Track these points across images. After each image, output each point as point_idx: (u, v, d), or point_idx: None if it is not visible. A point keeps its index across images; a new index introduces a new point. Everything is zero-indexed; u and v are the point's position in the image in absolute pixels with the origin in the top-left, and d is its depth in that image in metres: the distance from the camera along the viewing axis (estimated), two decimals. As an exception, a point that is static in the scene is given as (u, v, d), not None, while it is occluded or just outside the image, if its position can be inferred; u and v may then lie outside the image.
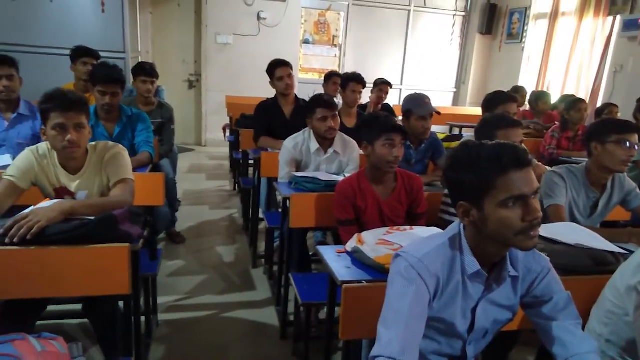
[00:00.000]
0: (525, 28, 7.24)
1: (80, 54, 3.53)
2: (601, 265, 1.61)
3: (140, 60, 4.94)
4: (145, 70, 3.41)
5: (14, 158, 2.40)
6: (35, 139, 2.78)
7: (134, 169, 2.13)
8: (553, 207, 2.11)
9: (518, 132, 2.15)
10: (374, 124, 2.08)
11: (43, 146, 1.91)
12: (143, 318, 2.23)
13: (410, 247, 1.22)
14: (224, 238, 3.89)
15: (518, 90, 5.48)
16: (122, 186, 1.90)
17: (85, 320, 2.40)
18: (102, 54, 3.72)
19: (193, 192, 5.01)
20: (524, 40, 7.26)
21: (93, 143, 1.97)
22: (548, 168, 2.35)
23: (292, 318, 2.57)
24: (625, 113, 4.48)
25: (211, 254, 3.56)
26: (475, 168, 1.11)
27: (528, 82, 6.98)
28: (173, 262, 3.34)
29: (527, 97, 5.70)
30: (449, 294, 1.19)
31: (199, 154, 6.94)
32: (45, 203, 1.66)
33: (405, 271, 1.14)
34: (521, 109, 5.27)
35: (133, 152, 2.80)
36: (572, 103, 4.12)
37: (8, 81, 2.72)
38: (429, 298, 1.14)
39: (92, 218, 1.60)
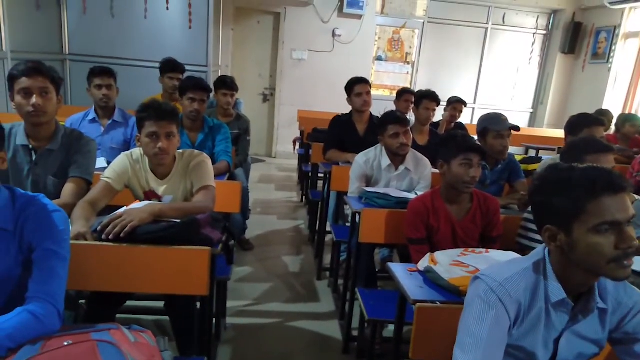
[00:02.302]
0: (613, 47, 6.82)
1: (167, 68, 3.79)
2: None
3: (220, 74, 5.20)
4: (227, 84, 3.60)
5: (107, 161, 2.64)
6: (126, 145, 3.02)
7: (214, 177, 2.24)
8: (643, 239, 1.96)
9: (609, 157, 2.03)
10: (451, 142, 2.06)
11: (137, 152, 2.07)
12: (213, 320, 2.32)
13: (490, 270, 1.19)
14: (290, 248, 3.97)
15: (604, 114, 5.15)
16: (204, 192, 2.01)
17: (159, 317, 2.57)
18: (187, 66, 3.97)
19: (262, 202, 5.16)
20: (611, 60, 6.85)
21: (180, 151, 2.11)
22: (636, 197, 2.19)
23: (355, 333, 2.56)
24: None
25: (277, 263, 3.65)
26: (566, 191, 1.07)
27: (614, 104, 6.55)
28: (242, 268, 3.45)
29: (614, 121, 5.34)
30: (531, 321, 1.14)
31: (269, 165, 7.15)
32: (137, 204, 1.79)
33: (485, 295, 1.11)
34: (605, 133, 4.95)
35: (212, 161, 2.93)
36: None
37: (108, 90, 2.98)
38: (509, 324, 1.11)
39: (178, 221, 1.70)
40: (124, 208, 1.74)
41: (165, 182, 2.05)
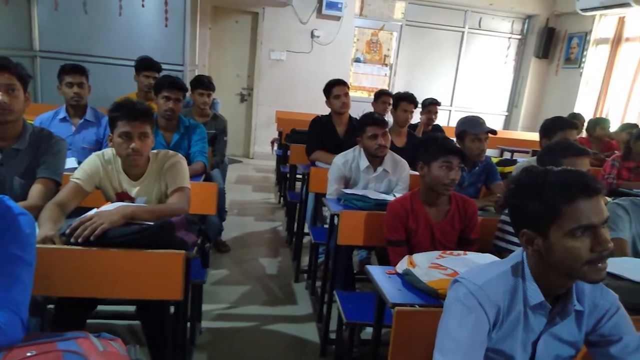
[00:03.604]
0: (585, 53, 7.00)
1: (143, 67, 3.71)
2: (671, 307, 1.50)
3: (197, 73, 5.13)
4: (203, 83, 3.54)
5: (78, 162, 2.56)
6: (98, 145, 2.94)
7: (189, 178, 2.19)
8: (616, 241, 1.98)
9: (585, 161, 2.05)
10: (432, 145, 2.06)
11: (109, 152, 2.01)
12: (188, 324, 2.27)
13: (470, 273, 1.18)
14: (267, 250, 3.93)
15: (576, 117, 5.27)
16: (179, 194, 1.96)
17: (132, 322, 2.50)
18: (163, 65, 3.89)
19: (239, 203, 5.10)
20: (582, 65, 7.02)
21: (154, 151, 2.05)
22: (608, 199, 2.23)
23: (332, 336, 2.54)
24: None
25: (255, 265, 3.60)
26: (542, 195, 1.06)
27: (585, 108, 6.72)
28: (218, 270, 3.39)
29: (585, 125, 5.47)
30: (510, 324, 1.14)
31: (246, 165, 7.08)
32: (109, 206, 1.73)
33: (465, 298, 1.10)
34: (577, 136, 5.06)
35: (188, 161, 2.88)
36: (643, 134, 3.91)
37: (79, 88, 2.89)
38: (488, 328, 1.10)
39: (151, 223, 1.66)
40: (95, 210, 1.68)
41: (138, 184, 1.99)
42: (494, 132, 2.80)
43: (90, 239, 1.54)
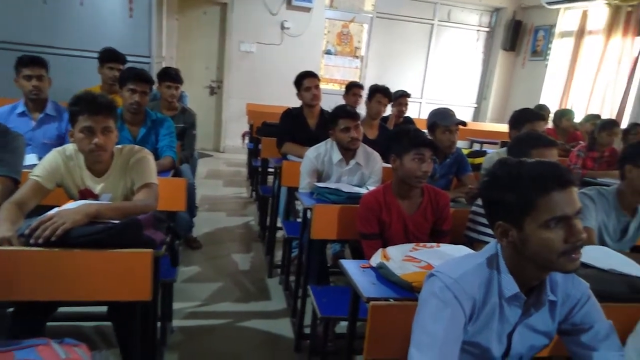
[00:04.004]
0: (550, 45, 7.16)
1: (107, 58, 3.58)
2: (637, 293, 1.55)
3: (164, 66, 4.98)
4: (171, 76, 3.44)
5: (39, 158, 2.44)
6: (60, 140, 2.82)
7: (157, 173, 2.12)
8: (584, 230, 2.04)
9: (554, 152, 2.08)
10: (404, 137, 2.05)
11: (70, 148, 1.92)
12: (158, 324, 2.21)
13: (445, 266, 1.18)
14: (240, 245, 3.87)
15: (542, 109, 5.38)
16: (146, 190, 1.89)
17: (101, 322, 2.41)
18: (128, 57, 3.76)
19: (210, 198, 5.01)
20: (547, 57, 7.19)
21: (119, 146, 1.97)
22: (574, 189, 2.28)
23: (307, 331, 2.52)
24: (652, 135, 4.37)
25: (227, 261, 3.54)
26: (516, 187, 1.06)
27: (551, 100, 6.88)
28: (189, 267, 3.32)
29: (551, 116, 5.61)
30: (485, 317, 1.14)
31: (217, 159, 6.97)
32: (71, 204, 1.65)
33: (441, 292, 1.10)
34: (544, 127, 5.18)
35: (156, 156, 2.80)
36: (607, 125, 4.03)
37: (38, 81, 2.76)
38: (464, 321, 1.10)
39: (117, 222, 1.59)
40: (56, 209, 1.60)
41: (102, 180, 1.91)
42: (464, 123, 2.82)
43: (51, 240, 1.46)
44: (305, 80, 3.50)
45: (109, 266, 1.54)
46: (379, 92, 3.69)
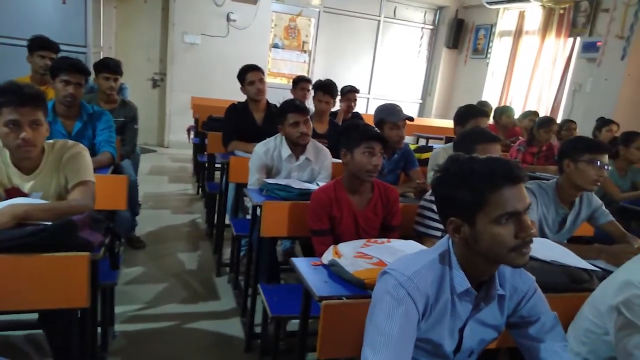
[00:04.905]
0: (491, 44, 7.44)
1: (38, 46, 3.32)
2: (577, 283, 1.61)
3: (102, 56, 4.71)
4: (109, 66, 3.24)
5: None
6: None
7: (95, 170, 1.99)
8: (526, 223, 2.11)
9: (497, 147, 2.15)
10: (354, 131, 2.03)
11: (-6, 143, 1.75)
12: (99, 329, 2.08)
13: (398, 263, 1.17)
14: (186, 244, 3.74)
15: (484, 105, 5.58)
16: (82, 189, 1.76)
17: (32, 331, 2.25)
18: (61, 46, 3.52)
19: (154, 195, 4.81)
20: (488, 56, 7.47)
21: (51, 141, 1.83)
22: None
23: (258, 330, 2.47)
24: (582, 131, 4.66)
25: (172, 260, 3.41)
26: (468, 183, 1.07)
27: (491, 96, 7.16)
28: (131, 268, 3.17)
29: (492, 112, 5.82)
30: (438, 313, 1.14)
31: (161, 155, 6.72)
32: (-4, 205, 1.51)
33: (395, 290, 1.08)
34: (488, 123, 5.37)
35: (93, 152, 2.64)
36: (544, 123, 4.23)
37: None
38: (418, 319, 1.09)
39: (49, 224, 1.47)
40: (-22, 211, 1.45)
41: (32, 178, 1.76)
42: (411, 119, 2.86)
43: (-28, 245, 1.33)
44: (249, 74, 3.41)
45: (41, 272, 1.42)
46: (320, 90, 3.64)
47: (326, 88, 3.65)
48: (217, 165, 3.87)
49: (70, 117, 2.69)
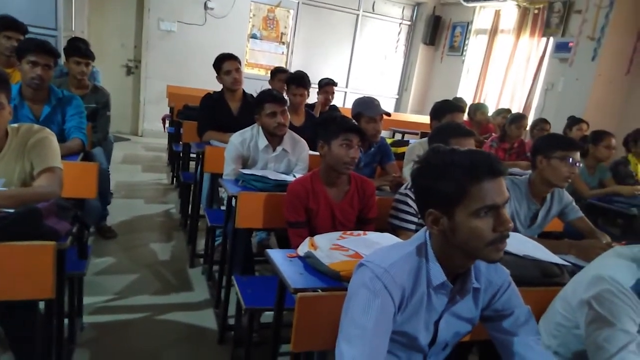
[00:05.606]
0: (467, 42, 7.52)
1: (4, 26, 3.18)
2: (548, 277, 1.65)
3: (73, 40, 4.55)
4: (80, 50, 3.13)
5: None
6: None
7: (63, 157, 1.92)
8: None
9: (471, 141, 2.17)
10: (331, 123, 2.02)
11: (-46, 126, 1.67)
12: (66, 320, 2.02)
13: (375, 256, 1.16)
14: (159, 234, 3.67)
15: (459, 101, 5.64)
16: (48, 175, 1.70)
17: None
18: (30, 28, 3.38)
19: (127, 184, 4.71)
20: (464, 53, 7.54)
21: (15, 125, 1.75)
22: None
23: (231, 322, 2.44)
24: (553, 129, 4.76)
25: (145, 251, 3.34)
26: (449, 175, 1.06)
27: (466, 93, 7.25)
28: (102, 259, 3.09)
29: (467, 109, 5.89)
30: (414, 306, 1.14)
31: (134, 144, 6.57)
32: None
33: (371, 282, 1.07)
34: (463, 119, 5.44)
35: (62, 138, 2.56)
36: (516, 119, 4.30)
37: None
38: (394, 311, 1.09)
39: (12, 211, 1.41)
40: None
41: (-6, 163, 1.69)
42: (388, 114, 2.87)
43: None
44: (225, 63, 3.35)
45: (4, 262, 1.36)
46: (293, 84, 3.58)
47: (298, 81, 3.59)
48: (192, 155, 3.80)
49: (38, 101, 2.59)
